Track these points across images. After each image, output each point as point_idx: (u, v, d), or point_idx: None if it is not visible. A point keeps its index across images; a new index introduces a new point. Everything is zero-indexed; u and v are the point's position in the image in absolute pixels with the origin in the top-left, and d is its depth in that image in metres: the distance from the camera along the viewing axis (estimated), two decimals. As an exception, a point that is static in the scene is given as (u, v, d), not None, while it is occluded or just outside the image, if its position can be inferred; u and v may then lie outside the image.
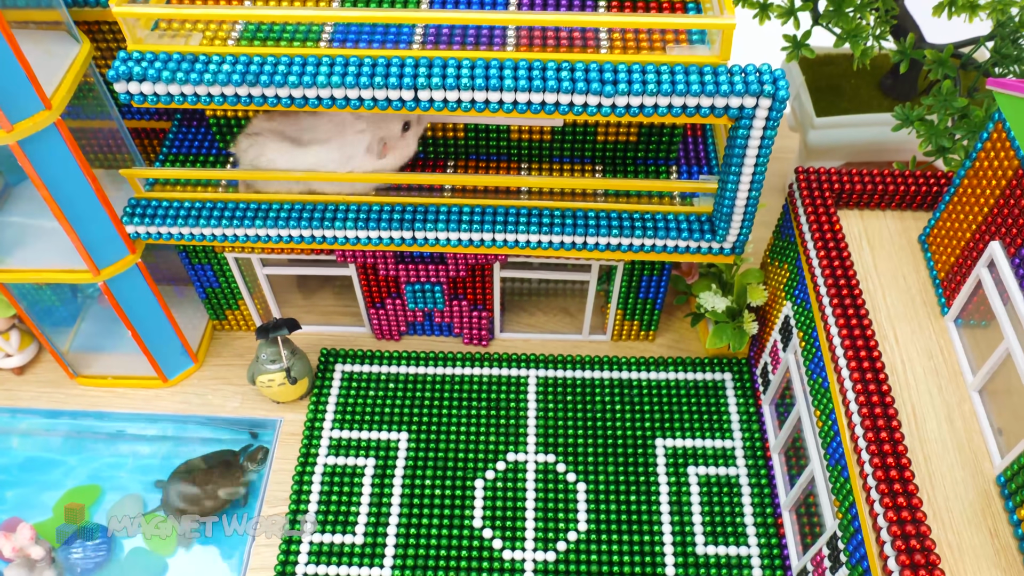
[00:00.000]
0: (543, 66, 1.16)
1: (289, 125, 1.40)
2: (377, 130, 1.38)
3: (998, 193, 1.24)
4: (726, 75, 1.15)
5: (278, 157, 1.40)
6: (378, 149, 1.38)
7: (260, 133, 1.41)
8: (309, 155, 1.39)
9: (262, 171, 1.42)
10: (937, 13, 1.46)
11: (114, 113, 1.51)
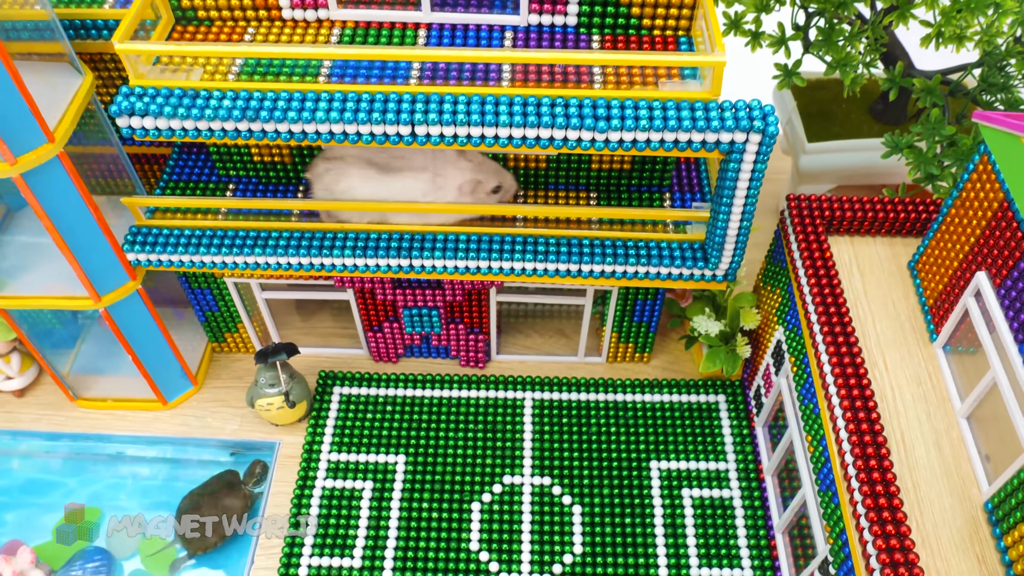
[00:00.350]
0: (537, 102, 1.18)
1: (378, 151, 1.41)
2: (478, 172, 1.41)
3: (984, 224, 1.26)
4: (717, 111, 1.17)
5: (360, 184, 1.40)
6: (470, 189, 1.41)
7: (342, 158, 1.42)
8: (396, 183, 1.40)
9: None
10: (925, 44, 1.48)
11: (114, 140, 1.54)
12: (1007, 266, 1.19)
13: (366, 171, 1.40)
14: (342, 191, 1.42)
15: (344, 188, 1.42)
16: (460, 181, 1.41)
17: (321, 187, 1.45)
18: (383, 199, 1.41)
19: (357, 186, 1.41)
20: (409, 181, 1.40)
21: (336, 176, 1.42)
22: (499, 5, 1.33)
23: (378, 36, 1.31)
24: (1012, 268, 1.18)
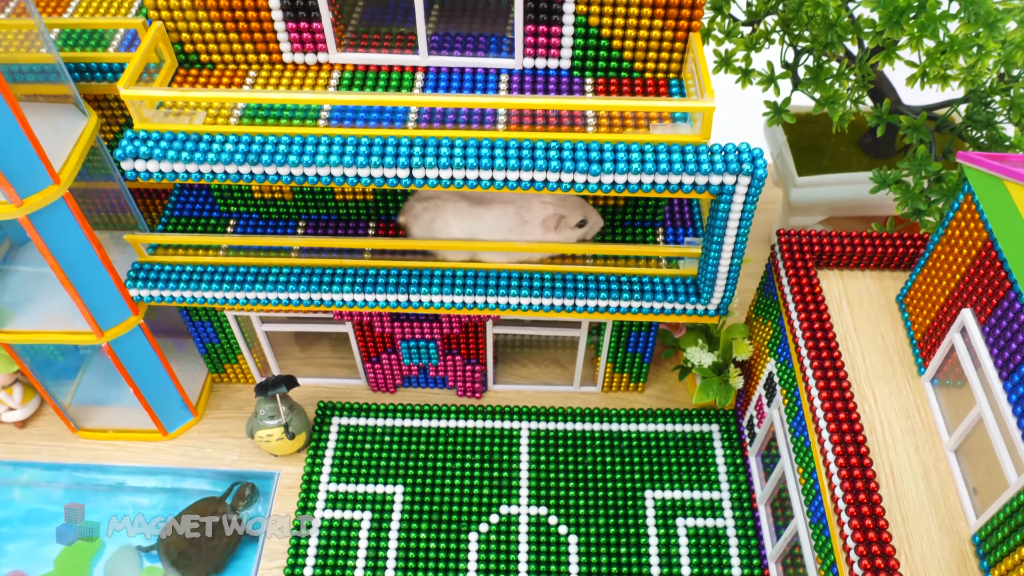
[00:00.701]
0: (532, 145, 1.22)
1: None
2: (560, 207, 1.44)
3: (969, 262, 1.29)
4: (707, 154, 1.20)
5: (455, 219, 1.44)
6: (553, 224, 1.44)
7: (437, 196, 1.45)
8: (488, 216, 1.43)
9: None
10: (910, 84, 1.52)
11: (117, 176, 1.56)
12: (991, 304, 1.22)
13: (459, 205, 1.44)
14: (439, 229, 1.46)
15: (440, 226, 1.46)
16: (544, 215, 1.44)
17: (420, 227, 1.48)
18: (476, 233, 1.45)
19: (452, 222, 1.45)
20: (498, 214, 1.44)
21: (433, 215, 1.46)
22: (494, 49, 1.36)
23: (376, 79, 1.34)
24: (996, 307, 1.21)
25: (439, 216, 1.45)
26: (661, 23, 1.28)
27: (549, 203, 1.44)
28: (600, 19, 1.28)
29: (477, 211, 1.44)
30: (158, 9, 1.30)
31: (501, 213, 1.45)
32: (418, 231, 1.49)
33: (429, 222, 1.46)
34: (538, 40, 1.31)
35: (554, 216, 1.45)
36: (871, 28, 1.47)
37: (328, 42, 1.33)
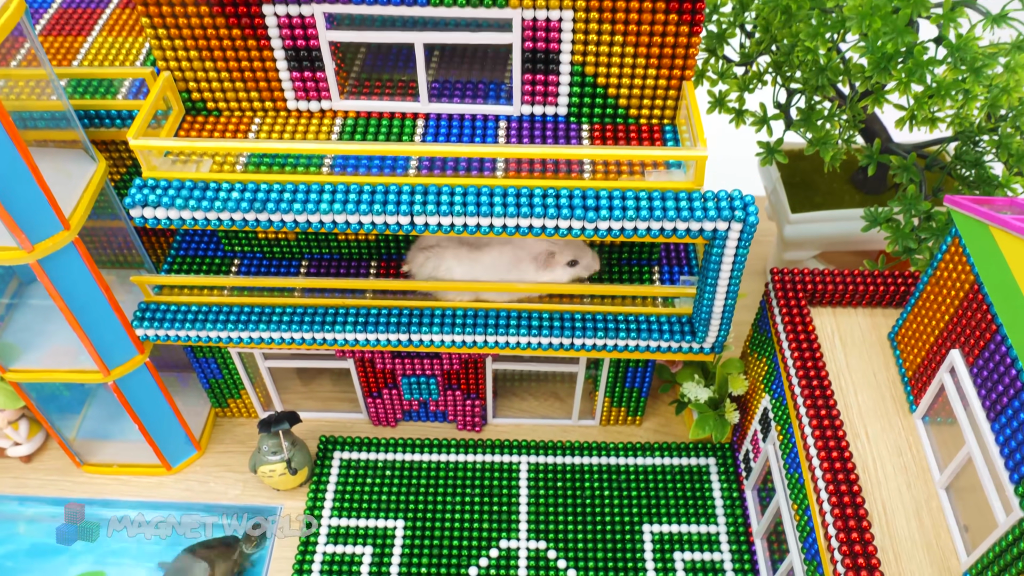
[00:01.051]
0: (530, 193, 1.25)
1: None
2: (553, 244, 1.48)
3: (957, 303, 1.32)
4: (700, 200, 1.24)
5: (456, 265, 1.49)
6: (543, 260, 1.48)
7: (437, 244, 1.50)
8: (486, 258, 1.48)
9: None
10: (899, 126, 1.55)
11: (123, 215, 1.59)
12: (979, 346, 1.25)
13: (459, 251, 1.49)
14: (442, 275, 1.51)
15: (444, 272, 1.51)
16: (536, 251, 1.48)
17: (423, 275, 1.53)
18: (476, 275, 1.49)
19: (454, 267, 1.50)
20: (495, 255, 1.49)
21: (436, 262, 1.51)
22: (493, 96, 1.40)
23: (379, 126, 1.38)
24: (983, 348, 1.24)
25: (441, 264, 1.50)
26: (655, 72, 1.32)
27: (543, 239, 1.48)
28: (596, 68, 1.32)
29: (475, 254, 1.48)
30: (166, 60, 1.33)
31: (498, 253, 1.49)
32: (422, 278, 1.53)
33: (432, 270, 1.51)
34: (535, 88, 1.35)
35: (544, 252, 1.48)
36: (860, 72, 1.51)
37: (331, 90, 1.37)
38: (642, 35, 1.27)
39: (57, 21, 1.62)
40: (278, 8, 1.26)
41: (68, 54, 1.55)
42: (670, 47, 1.28)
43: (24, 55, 1.46)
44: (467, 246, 1.49)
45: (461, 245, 1.49)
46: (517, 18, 1.25)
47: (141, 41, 1.57)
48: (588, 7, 1.24)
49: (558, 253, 1.49)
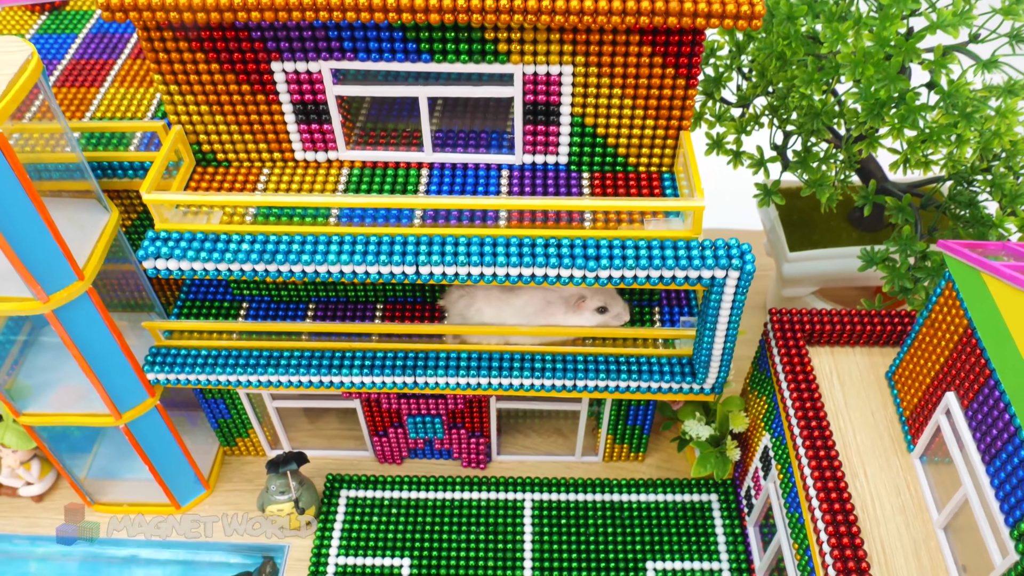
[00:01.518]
0: (532, 242, 1.28)
1: None
2: (585, 288, 1.51)
3: (951, 346, 1.35)
4: (698, 249, 1.27)
5: (486, 307, 1.52)
6: (574, 303, 1.51)
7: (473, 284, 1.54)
8: (517, 301, 1.51)
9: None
10: (894, 169, 1.59)
11: (133, 260, 1.63)
12: (973, 389, 1.28)
13: (491, 293, 1.52)
14: (472, 315, 1.54)
15: (474, 313, 1.54)
16: (567, 294, 1.51)
17: (455, 313, 1.57)
18: (505, 318, 1.52)
19: (484, 308, 1.53)
20: (526, 298, 1.52)
21: (467, 302, 1.54)
22: (495, 146, 1.44)
23: (384, 175, 1.42)
24: (977, 392, 1.26)
25: (473, 304, 1.53)
26: (653, 123, 1.35)
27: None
28: (595, 119, 1.35)
29: (506, 297, 1.51)
30: (177, 114, 1.37)
31: (529, 297, 1.52)
32: (454, 316, 1.57)
33: (464, 308, 1.54)
34: (537, 138, 1.38)
35: (575, 295, 1.51)
36: (855, 117, 1.55)
37: (338, 141, 1.41)
38: (640, 88, 1.31)
39: (70, 72, 1.67)
40: (286, 65, 1.30)
41: (81, 105, 1.59)
42: (667, 99, 1.32)
43: (39, 106, 1.51)
44: (499, 288, 1.52)
45: (493, 287, 1.52)
46: (518, 73, 1.29)
47: (152, 92, 1.61)
48: (587, 62, 1.28)
49: (589, 298, 1.52)
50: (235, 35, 1.27)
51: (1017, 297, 1.23)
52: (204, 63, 1.30)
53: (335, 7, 1.17)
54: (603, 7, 1.16)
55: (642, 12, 1.16)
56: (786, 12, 1.60)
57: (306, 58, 1.29)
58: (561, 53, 1.27)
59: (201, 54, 1.29)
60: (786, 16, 1.60)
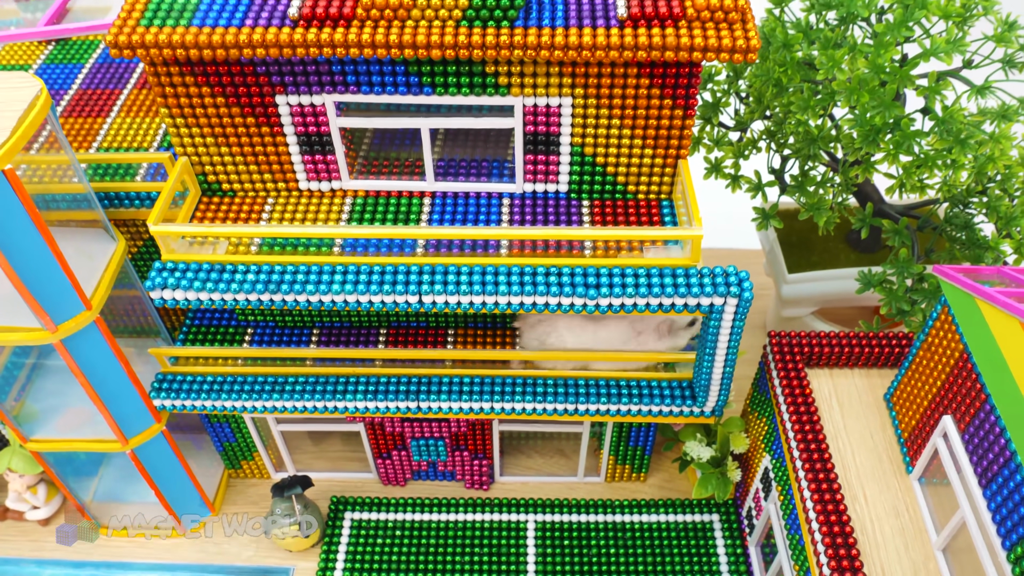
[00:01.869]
0: (533, 271, 1.30)
1: None
2: None
3: (948, 370, 1.36)
4: (696, 277, 1.29)
5: (567, 334, 1.51)
6: (667, 329, 1.50)
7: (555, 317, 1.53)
8: (602, 329, 1.50)
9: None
10: (890, 194, 1.61)
11: (138, 285, 1.65)
12: (970, 413, 1.29)
13: (572, 321, 1.51)
14: (552, 343, 1.53)
15: (555, 339, 1.53)
16: (656, 323, 1.51)
17: (533, 337, 1.55)
18: (589, 346, 1.51)
19: (565, 335, 1.52)
20: (612, 328, 1.51)
21: (547, 327, 1.53)
22: (496, 174, 1.46)
23: (387, 204, 1.44)
24: (974, 416, 1.28)
25: (553, 331, 1.52)
26: (651, 152, 1.38)
27: None
28: (594, 149, 1.38)
29: (591, 326, 1.50)
30: (183, 145, 1.40)
31: (615, 327, 1.51)
32: (531, 340, 1.56)
33: (543, 334, 1.53)
34: (537, 168, 1.41)
35: (665, 322, 1.51)
36: (851, 142, 1.57)
37: (341, 171, 1.43)
38: (638, 119, 1.33)
39: (77, 103, 1.69)
40: (290, 98, 1.32)
41: (88, 135, 1.62)
42: (665, 128, 1.34)
43: (46, 137, 1.53)
44: (581, 316, 1.49)
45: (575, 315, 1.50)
46: (519, 105, 1.31)
47: (158, 122, 1.63)
48: (586, 93, 1.30)
49: (676, 319, 1.51)
50: (240, 70, 1.30)
51: (1011, 323, 1.25)
52: (210, 97, 1.33)
53: (338, 44, 1.19)
54: (601, 43, 1.18)
55: (639, 47, 1.18)
56: (782, 40, 1.63)
57: (310, 91, 1.32)
58: (560, 85, 1.29)
59: (207, 88, 1.32)
60: (782, 44, 1.63)
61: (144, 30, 1.22)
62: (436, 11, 1.19)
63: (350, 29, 1.20)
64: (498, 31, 1.19)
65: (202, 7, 1.25)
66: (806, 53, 1.62)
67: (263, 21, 1.22)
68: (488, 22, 1.20)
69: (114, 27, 1.22)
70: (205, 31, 1.21)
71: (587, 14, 1.21)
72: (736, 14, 1.18)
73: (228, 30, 1.21)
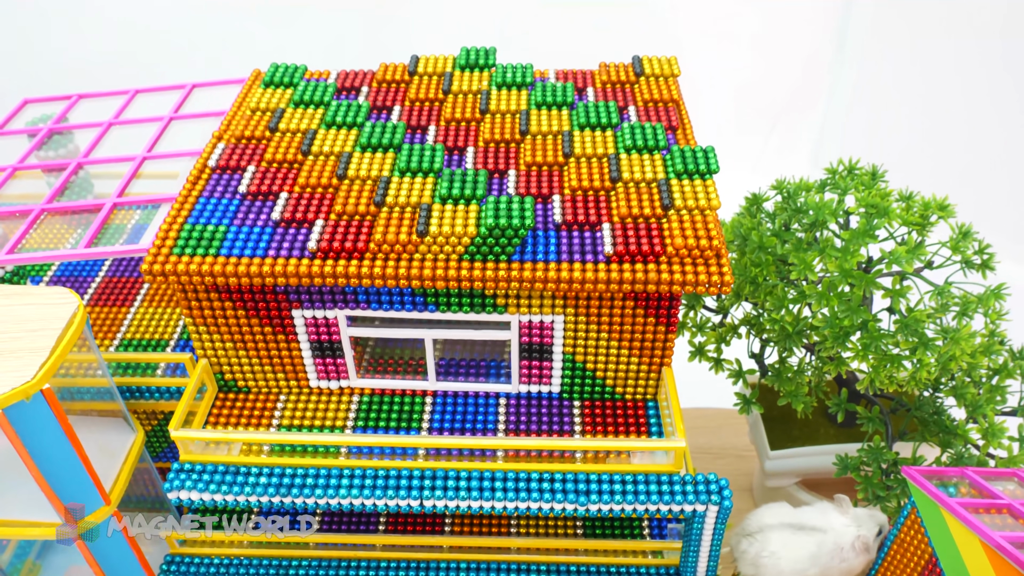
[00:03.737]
0: (527, 477, 1.39)
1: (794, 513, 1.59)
2: (860, 526, 1.58)
3: (919, 569, 1.44)
4: (680, 484, 1.38)
5: (782, 549, 1.55)
6: (862, 547, 1.56)
7: (760, 529, 1.59)
8: (810, 543, 1.54)
9: None
10: (861, 388, 1.72)
11: (148, 461, 1.73)
12: (940, 617, 1.37)
13: (783, 534, 1.56)
14: (764, 561, 1.56)
15: (767, 557, 1.56)
16: (849, 540, 1.57)
17: (747, 563, 1.59)
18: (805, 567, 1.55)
19: (779, 552, 1.56)
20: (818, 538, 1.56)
21: (761, 546, 1.58)
22: (494, 375, 1.57)
23: (391, 403, 1.54)
24: (944, 620, 1.35)
25: (766, 548, 1.56)
26: (637, 360, 1.49)
27: (850, 524, 1.58)
28: (584, 356, 1.49)
29: (802, 537, 1.54)
30: (204, 349, 1.51)
31: (820, 541, 1.56)
32: (746, 567, 1.61)
33: (756, 555, 1.58)
34: (531, 371, 1.52)
35: (860, 541, 1.57)
36: (823, 340, 1.68)
37: (349, 371, 1.54)
38: (624, 333, 1.45)
39: (103, 291, 1.82)
40: (305, 312, 1.44)
41: (113, 326, 1.73)
42: (649, 342, 1.46)
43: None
44: (791, 528, 1.55)
45: (786, 528, 1.56)
46: (515, 321, 1.43)
47: (179, 312, 1.75)
48: (576, 313, 1.42)
49: (865, 532, 1.57)
50: (261, 288, 1.42)
51: (972, 535, 1.34)
52: (232, 310, 1.44)
53: (353, 276, 1.32)
54: (590, 277, 1.31)
55: (624, 281, 1.31)
56: (757, 242, 1.77)
57: (324, 307, 1.44)
58: (553, 306, 1.41)
59: (229, 303, 1.44)
60: (757, 246, 1.77)
61: (176, 259, 1.34)
62: (441, 247, 1.33)
63: (363, 262, 1.32)
64: (497, 266, 1.32)
65: (229, 236, 1.38)
66: (781, 251, 1.75)
67: (284, 252, 1.35)
68: (488, 257, 1.33)
69: (149, 256, 1.35)
70: (232, 261, 1.34)
71: (577, 250, 1.34)
72: (711, 251, 1.32)
73: (253, 261, 1.33)
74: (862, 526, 1.60)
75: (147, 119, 1.88)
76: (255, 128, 1.61)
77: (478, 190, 1.39)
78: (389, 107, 1.71)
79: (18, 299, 1.41)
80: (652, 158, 1.47)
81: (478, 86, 1.72)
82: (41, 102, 2.05)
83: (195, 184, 1.51)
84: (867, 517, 1.63)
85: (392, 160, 1.50)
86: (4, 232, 1.71)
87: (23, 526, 1.44)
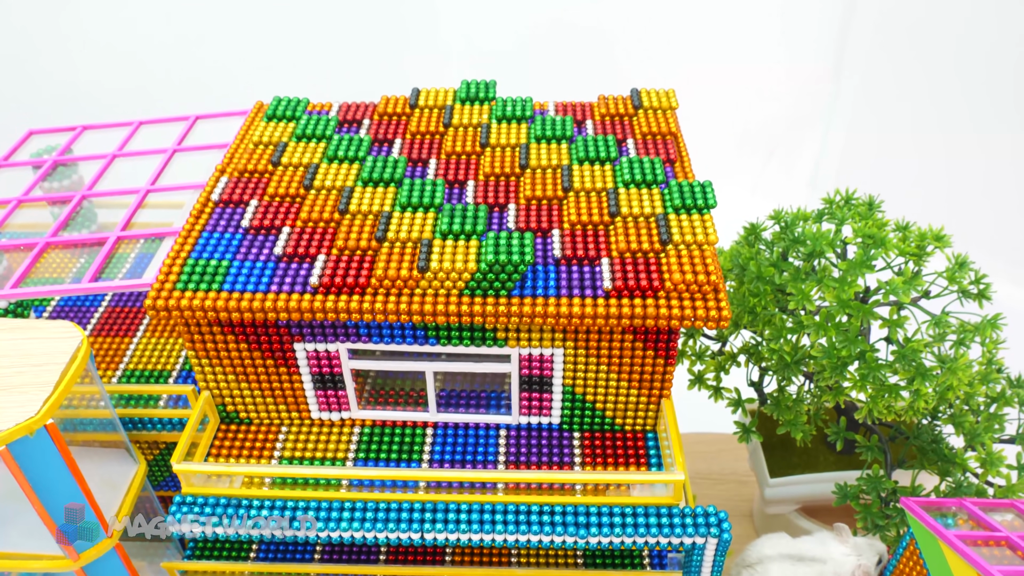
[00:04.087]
0: (528, 509, 1.40)
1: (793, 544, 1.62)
2: (859, 555, 1.60)
3: (918, 602, 1.45)
4: (679, 517, 1.39)
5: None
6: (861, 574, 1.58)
7: (761, 560, 1.61)
8: (811, 574, 1.57)
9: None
10: (860, 417, 1.73)
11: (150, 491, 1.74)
12: (939, 649, 1.37)
13: (783, 565, 1.59)
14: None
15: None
16: (850, 569, 1.59)
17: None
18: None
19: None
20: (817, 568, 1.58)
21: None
22: (495, 406, 1.58)
23: (392, 434, 1.55)
24: (943, 653, 1.36)
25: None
26: (636, 392, 1.50)
27: (850, 554, 1.60)
28: (584, 388, 1.50)
29: (801, 567, 1.57)
30: (206, 381, 1.52)
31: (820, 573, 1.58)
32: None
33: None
34: (531, 403, 1.53)
35: (860, 568, 1.59)
36: (821, 370, 1.70)
37: (351, 403, 1.55)
38: (623, 365, 1.46)
39: (106, 321, 1.83)
40: (307, 345, 1.45)
41: (116, 357, 1.74)
42: (648, 374, 1.47)
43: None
44: (791, 560, 1.58)
45: (786, 559, 1.59)
46: (515, 354, 1.44)
47: (181, 343, 1.76)
48: (576, 346, 1.43)
49: (865, 562, 1.59)
50: (264, 322, 1.43)
51: (969, 568, 1.34)
52: (234, 343, 1.46)
53: (354, 311, 1.33)
54: (589, 312, 1.32)
55: (623, 316, 1.32)
56: (755, 272, 1.78)
57: (325, 340, 1.45)
58: (553, 340, 1.42)
59: (232, 337, 1.45)
60: (756, 276, 1.78)
61: (180, 294, 1.36)
62: (442, 283, 1.34)
63: (364, 297, 1.34)
64: (497, 301, 1.34)
65: (232, 271, 1.39)
66: (779, 281, 1.77)
67: (287, 287, 1.36)
68: (488, 292, 1.34)
69: (153, 291, 1.36)
70: (235, 296, 1.35)
71: (576, 285, 1.35)
72: (709, 287, 1.33)
73: (256, 296, 1.35)
74: (862, 555, 1.61)
75: (151, 151, 1.91)
76: (258, 162, 1.63)
77: (478, 225, 1.41)
78: (391, 140, 1.73)
79: (22, 333, 1.43)
80: (650, 192, 1.49)
81: (478, 119, 1.75)
82: (46, 133, 2.08)
83: (198, 218, 1.53)
84: (867, 546, 1.64)
85: (393, 195, 1.51)
86: (8, 264, 1.73)
87: (25, 559, 1.45)
